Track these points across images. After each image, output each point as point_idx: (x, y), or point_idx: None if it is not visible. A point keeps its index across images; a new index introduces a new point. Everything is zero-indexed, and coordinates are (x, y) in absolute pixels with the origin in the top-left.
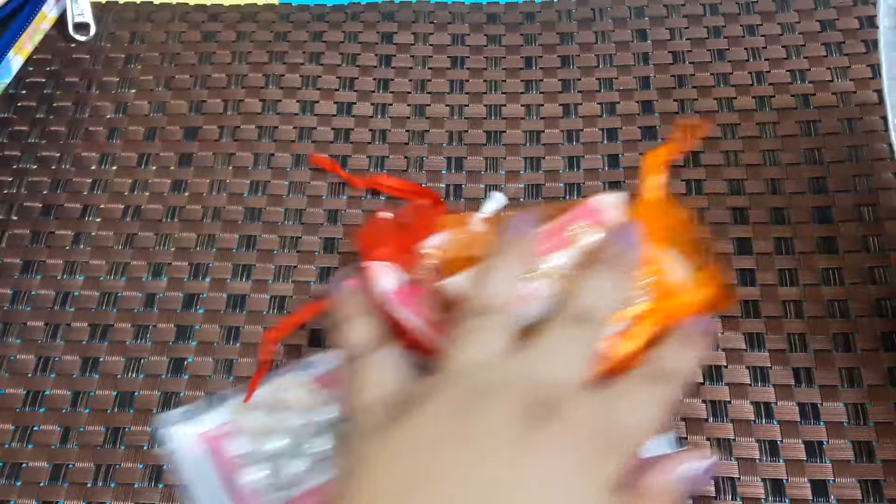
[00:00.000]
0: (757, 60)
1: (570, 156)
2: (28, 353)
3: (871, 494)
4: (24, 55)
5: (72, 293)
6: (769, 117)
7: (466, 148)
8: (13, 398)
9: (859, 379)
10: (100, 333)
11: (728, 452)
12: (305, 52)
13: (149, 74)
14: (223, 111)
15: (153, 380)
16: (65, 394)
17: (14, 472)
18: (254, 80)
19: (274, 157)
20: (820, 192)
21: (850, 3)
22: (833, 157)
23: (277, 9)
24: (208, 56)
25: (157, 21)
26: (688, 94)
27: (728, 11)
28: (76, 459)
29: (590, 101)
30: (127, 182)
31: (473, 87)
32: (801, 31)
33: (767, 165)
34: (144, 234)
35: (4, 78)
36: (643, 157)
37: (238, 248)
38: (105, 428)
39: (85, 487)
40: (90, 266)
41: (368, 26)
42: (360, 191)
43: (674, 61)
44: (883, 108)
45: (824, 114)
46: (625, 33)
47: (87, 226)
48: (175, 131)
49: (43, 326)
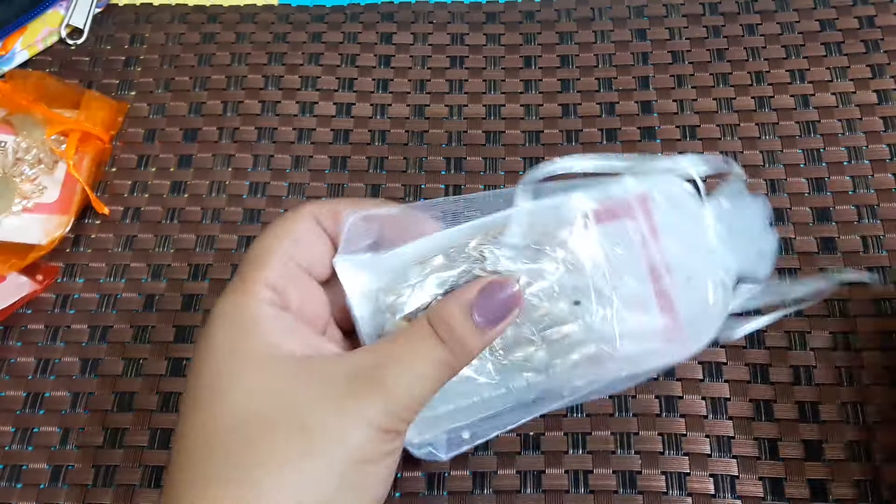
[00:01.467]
0: (756, 60)
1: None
2: (28, 356)
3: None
4: (32, 52)
5: (72, 295)
6: (769, 117)
7: (466, 148)
8: (13, 400)
9: (858, 378)
10: (99, 335)
11: (728, 450)
12: (304, 52)
13: (148, 76)
14: (222, 112)
15: (152, 381)
16: (64, 395)
17: (14, 473)
18: (253, 82)
19: (273, 158)
20: (820, 193)
21: (850, 3)
22: (833, 157)
23: (276, 10)
24: (208, 57)
25: (157, 23)
26: (687, 94)
27: (727, 11)
28: (76, 461)
29: (589, 100)
30: (126, 184)
31: (473, 86)
32: (800, 31)
33: (767, 165)
34: (144, 235)
35: (5, 65)
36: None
37: (237, 249)
38: (104, 429)
39: (84, 489)
40: (90, 268)
41: (368, 27)
42: (360, 192)
43: (673, 61)
44: (883, 108)
45: (823, 114)
46: (624, 33)
47: (86, 228)
48: (174, 133)
49: (43, 329)
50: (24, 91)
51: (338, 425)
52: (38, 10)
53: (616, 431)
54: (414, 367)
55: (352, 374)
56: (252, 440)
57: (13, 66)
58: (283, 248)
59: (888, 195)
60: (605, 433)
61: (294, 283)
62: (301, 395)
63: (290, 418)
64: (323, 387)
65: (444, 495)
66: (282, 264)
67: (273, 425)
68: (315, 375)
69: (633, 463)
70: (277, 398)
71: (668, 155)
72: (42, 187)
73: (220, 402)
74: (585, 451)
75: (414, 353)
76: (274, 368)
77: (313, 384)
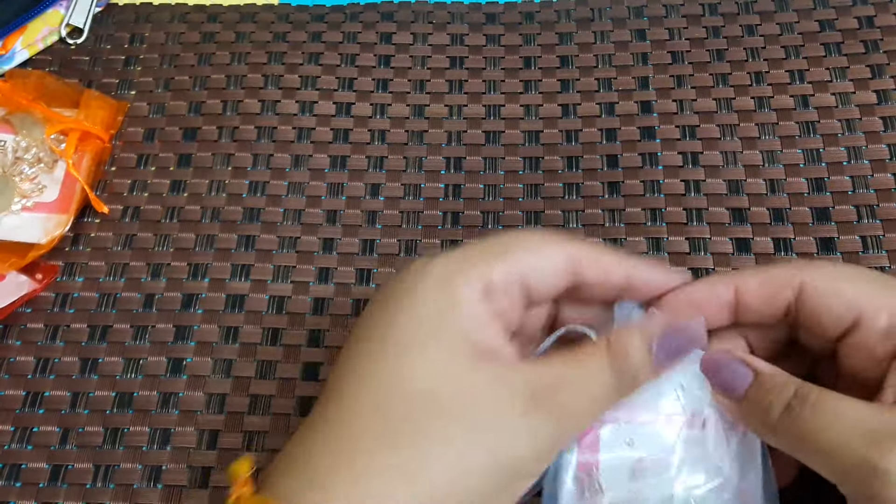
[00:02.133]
0: (756, 61)
1: (569, 156)
2: (28, 355)
3: None
4: (32, 52)
5: (71, 294)
6: (768, 118)
7: (465, 148)
8: (12, 399)
9: None
10: (99, 334)
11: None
12: (304, 52)
13: (148, 76)
14: (222, 112)
15: (152, 380)
16: (64, 394)
17: (13, 473)
18: (253, 81)
19: (273, 157)
20: (819, 193)
21: (850, 3)
22: (832, 157)
23: (276, 9)
24: (207, 57)
25: (157, 22)
26: (687, 94)
27: (727, 11)
28: (75, 460)
29: (589, 101)
30: (126, 183)
31: (472, 87)
32: (800, 31)
33: (767, 166)
34: (143, 234)
35: (5, 64)
36: None
37: (237, 248)
38: (104, 428)
39: (84, 488)
40: (89, 267)
41: (367, 26)
42: (359, 191)
43: (673, 61)
44: (882, 108)
45: (823, 114)
46: (624, 33)
47: (85, 227)
48: (174, 132)
49: (42, 328)
50: (23, 90)
51: (507, 431)
52: (38, 9)
53: None
54: (589, 390)
55: (531, 387)
56: (428, 413)
57: (13, 66)
58: (523, 263)
59: (888, 195)
60: None
61: (509, 298)
62: (479, 391)
63: (464, 407)
64: (501, 390)
65: None
66: (508, 273)
67: (447, 406)
68: (496, 377)
69: None
70: (456, 384)
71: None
72: (41, 186)
73: (407, 366)
74: None
75: (589, 377)
76: (461, 356)
77: (493, 385)
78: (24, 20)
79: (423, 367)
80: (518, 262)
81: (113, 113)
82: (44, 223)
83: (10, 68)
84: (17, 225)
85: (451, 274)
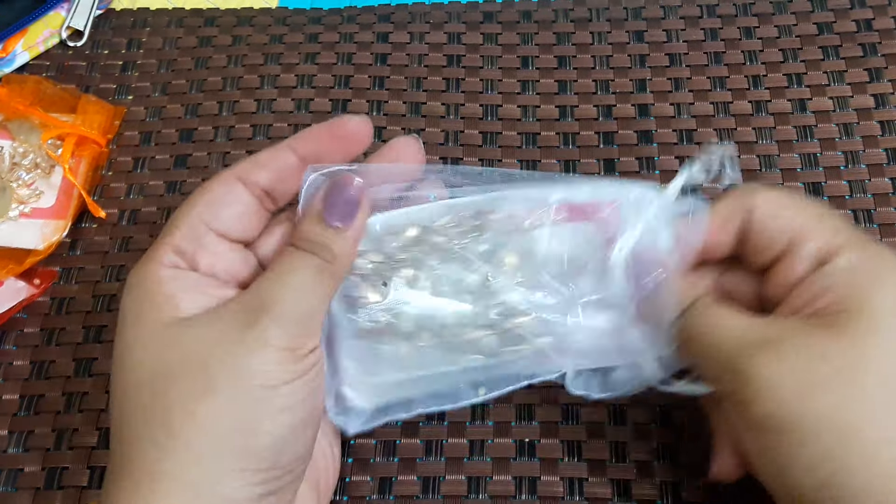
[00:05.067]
0: (754, 64)
1: (567, 159)
2: (24, 360)
3: None
4: (32, 54)
5: (68, 298)
6: (766, 121)
7: (462, 148)
8: (9, 404)
9: None
10: (93, 335)
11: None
12: (301, 52)
13: (145, 81)
14: (218, 112)
15: None
16: (57, 396)
17: (11, 478)
18: (249, 82)
19: None
20: (817, 197)
21: (848, 6)
22: (830, 162)
23: (273, 13)
24: (204, 60)
25: (154, 27)
26: (684, 97)
27: (725, 13)
28: (70, 462)
29: (586, 103)
30: (123, 186)
31: (470, 85)
32: (798, 34)
33: (764, 170)
34: (140, 236)
35: (6, 67)
36: None
37: None
38: (98, 430)
39: (80, 490)
40: (87, 272)
41: (364, 27)
42: None
43: (670, 64)
44: (880, 112)
45: (820, 118)
46: (621, 34)
47: (83, 232)
48: (170, 134)
49: (39, 332)
50: (20, 96)
51: (237, 356)
52: (39, 11)
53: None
54: (292, 282)
55: (242, 307)
56: (158, 393)
57: (13, 68)
58: (195, 213)
59: (885, 199)
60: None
61: (203, 245)
62: (201, 342)
63: (192, 364)
64: (220, 326)
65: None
66: (190, 228)
67: (177, 375)
68: (213, 320)
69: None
70: (180, 351)
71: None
72: (39, 192)
73: (129, 367)
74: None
75: (291, 271)
76: (176, 326)
77: (212, 328)
78: (26, 22)
79: (148, 355)
80: (191, 212)
81: (110, 117)
82: (41, 229)
83: (8, 73)
84: (14, 231)
85: (141, 266)
